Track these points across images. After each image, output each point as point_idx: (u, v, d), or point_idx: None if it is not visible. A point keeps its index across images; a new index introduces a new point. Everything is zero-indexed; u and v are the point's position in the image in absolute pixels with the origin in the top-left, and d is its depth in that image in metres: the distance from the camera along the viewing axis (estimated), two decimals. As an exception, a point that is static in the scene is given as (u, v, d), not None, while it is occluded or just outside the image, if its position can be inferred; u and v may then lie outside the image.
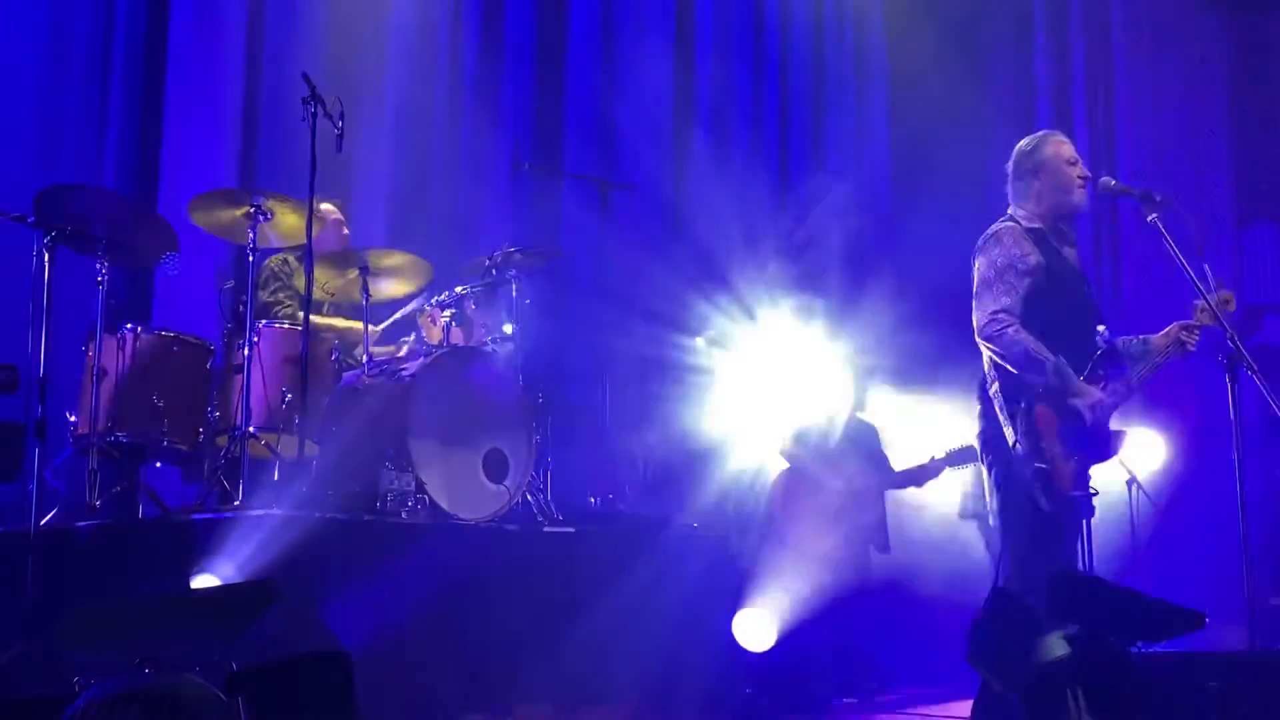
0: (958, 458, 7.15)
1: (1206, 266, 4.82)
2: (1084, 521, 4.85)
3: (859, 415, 7.56)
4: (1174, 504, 7.83)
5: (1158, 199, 4.88)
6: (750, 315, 8.04)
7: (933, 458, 7.22)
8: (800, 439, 7.38)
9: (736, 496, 7.44)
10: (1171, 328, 4.87)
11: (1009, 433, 4.70)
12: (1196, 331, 4.84)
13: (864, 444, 7.48)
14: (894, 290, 8.05)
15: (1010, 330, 4.71)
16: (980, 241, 4.93)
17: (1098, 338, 4.82)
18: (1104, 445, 4.75)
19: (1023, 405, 4.67)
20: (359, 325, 6.21)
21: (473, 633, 5.10)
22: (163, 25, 7.12)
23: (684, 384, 7.89)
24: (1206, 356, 4.94)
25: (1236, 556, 4.99)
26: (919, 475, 7.35)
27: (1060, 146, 4.96)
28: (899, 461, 7.50)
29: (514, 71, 8.39)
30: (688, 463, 7.60)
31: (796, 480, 7.27)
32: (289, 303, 6.43)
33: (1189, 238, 4.83)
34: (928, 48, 9.40)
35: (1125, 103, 10.07)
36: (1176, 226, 4.85)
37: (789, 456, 7.36)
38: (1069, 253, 4.97)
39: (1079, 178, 4.92)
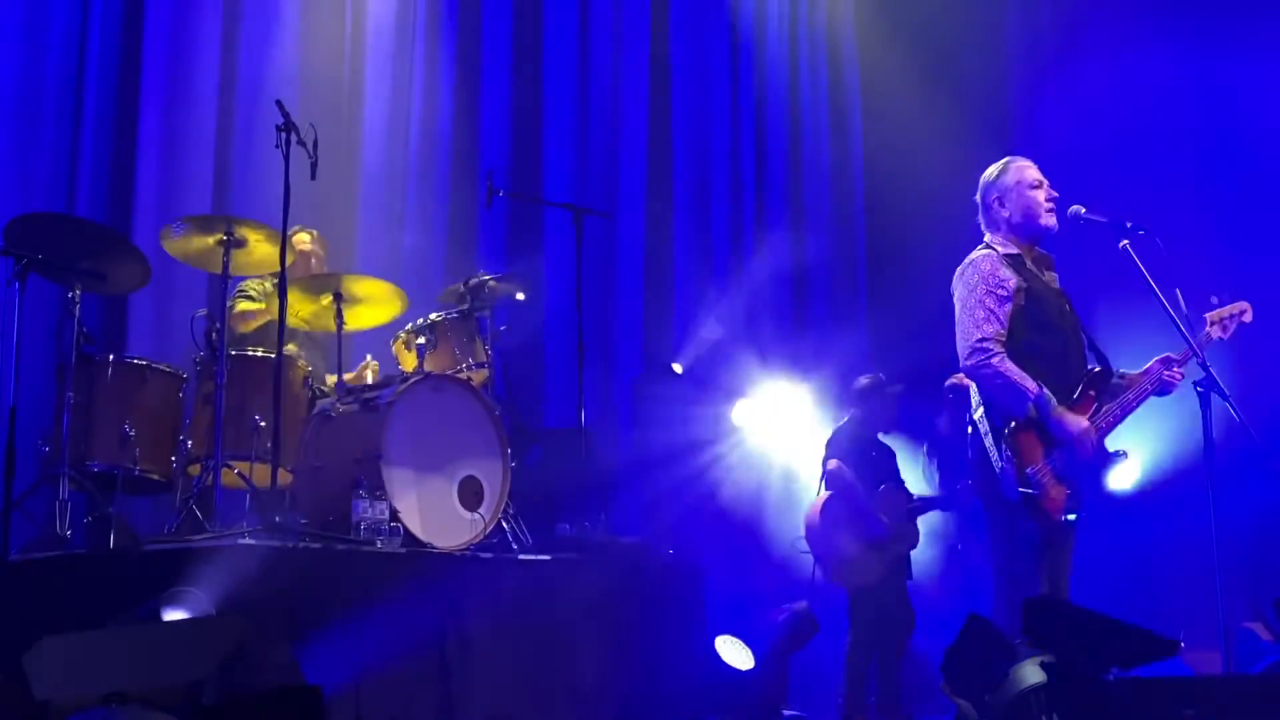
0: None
1: (1178, 291, 4.83)
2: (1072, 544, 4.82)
3: (881, 438, 7.41)
4: (1148, 527, 7.83)
5: (1128, 225, 4.90)
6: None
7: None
8: (838, 448, 7.20)
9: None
10: (1152, 364, 4.86)
11: (994, 455, 4.68)
12: (1180, 369, 4.82)
13: (888, 467, 7.34)
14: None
15: (994, 361, 4.67)
16: (959, 269, 4.91)
17: (1090, 364, 4.81)
18: (1098, 472, 4.73)
19: (1007, 431, 4.66)
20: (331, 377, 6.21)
21: (446, 662, 5.07)
22: (136, 53, 7.11)
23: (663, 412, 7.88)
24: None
25: (1212, 581, 4.99)
26: (942, 501, 7.27)
27: (1024, 171, 4.94)
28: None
29: (490, 98, 8.39)
30: (664, 486, 7.57)
31: (836, 509, 7.08)
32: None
33: (1161, 263, 4.85)
34: (901, 79, 9.45)
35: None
36: (1148, 252, 4.87)
37: (832, 476, 7.14)
38: (1049, 276, 4.96)
39: (1046, 199, 4.91)
